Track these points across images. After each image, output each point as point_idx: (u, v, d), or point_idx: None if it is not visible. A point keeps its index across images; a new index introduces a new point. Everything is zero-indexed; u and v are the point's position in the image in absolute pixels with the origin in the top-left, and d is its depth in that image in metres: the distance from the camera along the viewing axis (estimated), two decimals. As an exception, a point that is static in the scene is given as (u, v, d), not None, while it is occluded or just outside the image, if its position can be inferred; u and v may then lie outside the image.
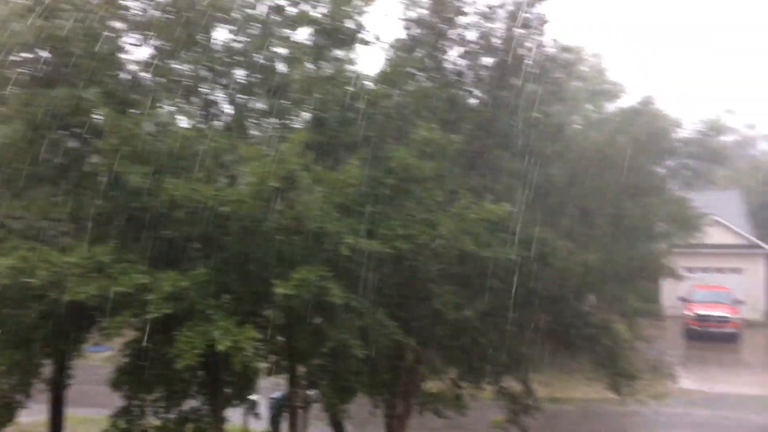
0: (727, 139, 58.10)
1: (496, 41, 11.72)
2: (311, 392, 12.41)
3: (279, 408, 14.87)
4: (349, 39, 11.10)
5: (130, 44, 10.45)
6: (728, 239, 35.48)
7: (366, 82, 10.91)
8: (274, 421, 15.16)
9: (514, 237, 10.91)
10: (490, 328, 12.99)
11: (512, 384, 14.37)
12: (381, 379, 12.19)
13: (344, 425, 13.50)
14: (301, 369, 11.90)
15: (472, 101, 12.44)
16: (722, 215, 35.34)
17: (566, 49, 12.62)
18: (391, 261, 9.55)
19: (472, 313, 12.17)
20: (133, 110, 9.73)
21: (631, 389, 14.89)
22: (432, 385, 14.56)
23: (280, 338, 11.97)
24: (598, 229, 15.03)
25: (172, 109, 10.31)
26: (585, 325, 14.72)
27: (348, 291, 8.88)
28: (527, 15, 11.73)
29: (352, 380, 10.83)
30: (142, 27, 10.27)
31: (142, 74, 10.63)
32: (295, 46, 10.81)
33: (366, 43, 11.47)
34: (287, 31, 11.00)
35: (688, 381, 24.31)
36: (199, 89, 10.63)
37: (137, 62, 10.56)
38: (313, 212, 8.33)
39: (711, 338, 29.75)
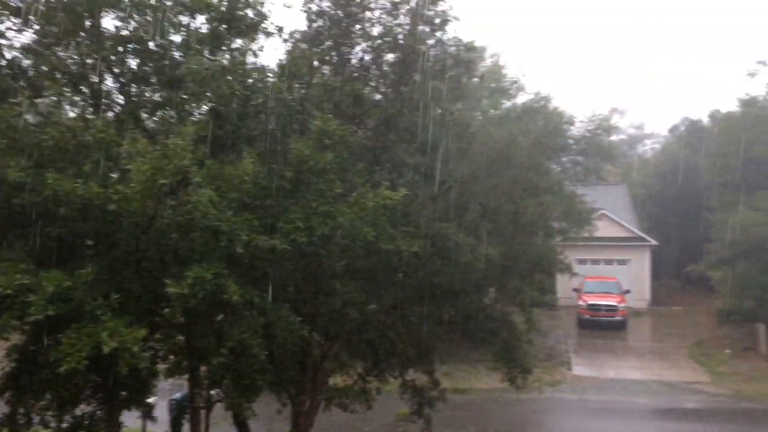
0: (616, 137, 61.48)
1: (400, 37, 11.74)
2: (214, 392, 12.02)
3: (180, 410, 14.32)
4: (249, 29, 10.76)
5: (9, 29, 9.71)
6: (617, 232, 37.51)
7: (268, 75, 10.65)
8: (175, 424, 14.57)
9: (418, 231, 11.00)
10: (395, 321, 13.08)
11: (417, 376, 14.53)
12: (287, 375, 12.00)
13: (248, 424, 13.19)
14: (202, 368, 11.51)
15: (377, 97, 12.42)
16: (611, 210, 37.33)
17: (467, 46, 12.84)
18: (294, 256, 9.38)
19: (377, 307, 12.20)
20: (12, 100, 9.06)
21: (525, 381, 15.41)
22: (338, 380, 14.50)
23: (179, 338, 11.52)
24: (500, 225, 15.44)
25: (57, 98, 9.66)
26: (486, 318, 15.09)
27: (250, 288, 8.64)
28: (429, 12, 11.83)
29: (256, 378, 10.56)
30: (21, 12, 9.55)
31: (24, 62, 9.92)
32: (191, 34, 10.37)
33: (268, 33, 11.18)
34: (183, 18, 10.55)
35: (581, 368, 25.52)
36: (89, 78, 10.01)
37: (17, 49, 9.83)
38: (206, 209, 8.02)
39: (601, 327, 31.36)
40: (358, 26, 11.76)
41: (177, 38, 10.43)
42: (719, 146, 37.76)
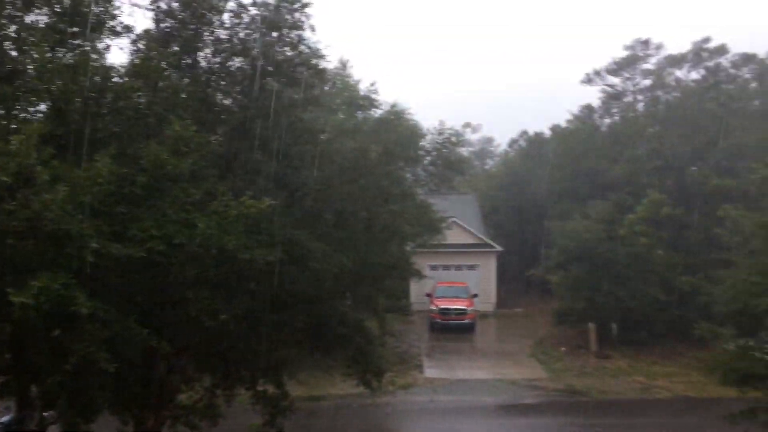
0: (467, 150, 64.52)
1: (251, 43, 11.67)
2: (47, 413, 11.19)
3: (8, 435, 13.19)
4: (94, 26, 10.24)
5: None
6: (466, 239, 39.41)
7: (114, 75, 10.17)
8: (3, 450, 13.41)
9: (272, 239, 10.95)
10: (247, 331, 12.91)
11: (269, 387, 14.42)
12: (130, 392, 11.43)
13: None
14: (34, 388, 10.69)
15: (228, 102, 12.25)
16: (461, 218, 39.19)
17: (320, 55, 13.01)
18: (143, 265, 9.01)
19: (229, 317, 11.97)
20: None
21: (380, 384, 15.79)
22: (185, 396, 14.04)
23: (6, 356, 10.65)
24: (353, 232, 15.71)
25: None
26: (340, 324, 15.29)
27: (94, 299, 8.19)
28: (281, 20, 11.86)
29: (96, 396, 9.99)
30: None
31: None
32: (29, 28, 9.69)
33: (116, 33, 10.69)
34: (18, 12, 9.83)
35: (432, 370, 26.48)
36: None
37: None
38: (53, 213, 7.52)
39: (452, 330, 32.78)
40: (207, 29, 11.54)
41: (12, 32, 9.70)
42: (556, 158, 40.91)
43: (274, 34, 12.11)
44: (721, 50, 35.63)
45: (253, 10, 11.73)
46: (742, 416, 11.71)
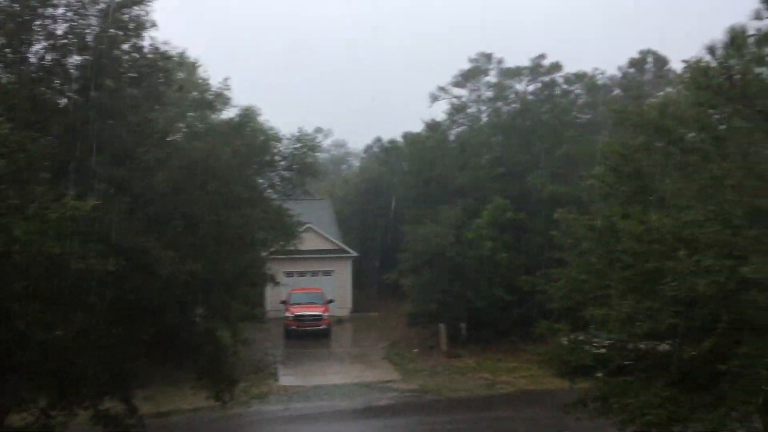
0: (322, 154, 64.69)
1: (89, 39, 10.95)
2: None
3: None
4: None
5: None
6: (322, 245, 39.54)
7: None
8: None
9: (110, 248, 10.32)
10: (87, 346, 12.05)
11: (113, 404, 13.57)
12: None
13: None
14: None
15: (63, 101, 11.39)
16: (317, 223, 39.24)
17: (165, 55, 12.47)
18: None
19: (64, 332, 11.13)
20: None
21: (232, 395, 15.37)
22: (18, 418, 12.88)
23: None
24: (203, 238, 15.19)
25: None
26: (190, 334, 14.73)
27: None
28: (123, 16, 11.23)
29: None
30: None
31: None
32: None
33: None
34: None
35: (288, 378, 26.24)
36: None
37: None
38: None
39: (308, 336, 32.71)
40: (38, 22, 10.67)
41: None
42: (409, 165, 42.11)
43: (117, 32, 11.44)
44: (556, 67, 38.44)
45: (93, 6, 11.00)
46: (574, 406, 12.61)
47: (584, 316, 12.91)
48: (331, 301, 35.59)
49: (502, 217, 30.55)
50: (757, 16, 11.97)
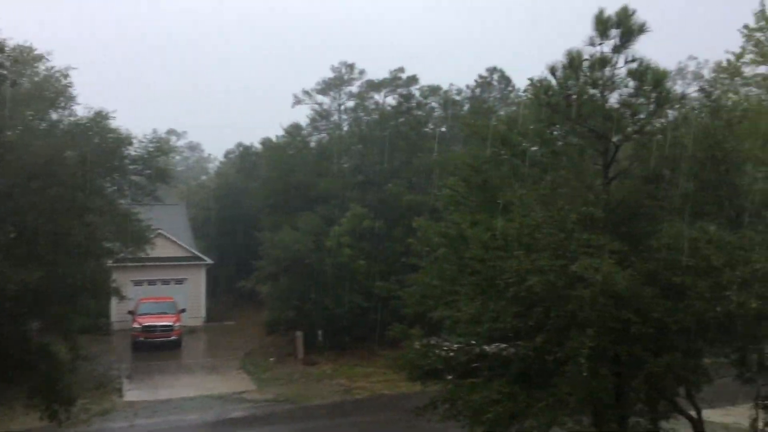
0: (176, 158, 62.21)
1: None
2: None
3: None
4: None
5: None
6: (174, 252, 37.95)
7: None
8: None
9: None
10: None
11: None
12: None
13: None
14: None
15: None
16: (169, 230, 37.62)
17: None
18: None
19: None
20: None
21: (69, 414, 14.32)
22: None
23: None
24: (40, 247, 14.11)
25: None
26: (22, 350, 13.58)
27: None
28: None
29: None
30: None
31: None
32: None
33: None
34: None
35: (134, 392, 24.84)
36: None
37: None
38: None
39: (157, 348, 31.20)
40: None
41: None
42: (269, 172, 41.57)
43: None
44: (413, 80, 39.75)
45: None
46: (425, 409, 12.95)
47: (436, 322, 13.34)
48: (183, 311, 34.26)
49: (361, 225, 30.92)
50: (591, 43, 13.02)
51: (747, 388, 12.35)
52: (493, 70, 40.92)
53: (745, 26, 18.86)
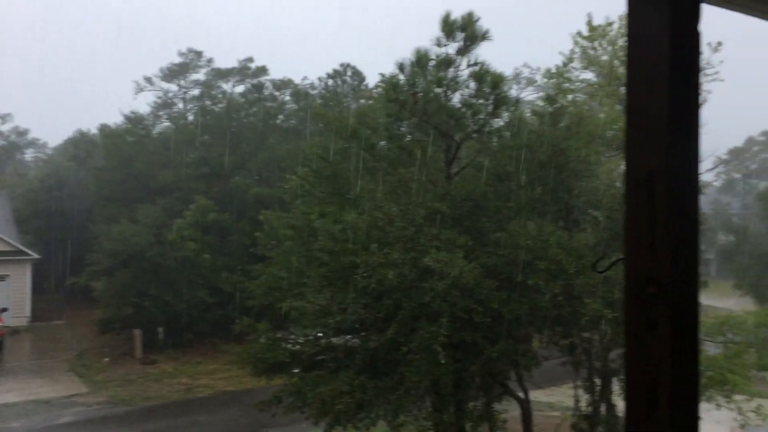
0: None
1: None
2: None
3: None
4: None
5: None
6: (-6, 246, 34.53)
7: None
8: None
9: None
10: None
11: None
12: None
13: None
14: None
15: None
16: (-12, 221, 34.15)
17: None
18: None
19: None
20: None
21: None
22: None
23: None
24: None
25: None
26: None
27: None
28: None
29: None
30: None
31: None
32: None
33: None
34: None
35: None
36: None
37: None
38: None
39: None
40: None
41: None
42: (106, 161, 38.98)
43: None
44: (263, 71, 39.04)
45: None
46: (269, 403, 12.77)
47: (284, 315, 13.20)
48: (4, 310, 31.22)
49: (206, 217, 29.92)
50: (438, 43, 13.51)
51: (569, 370, 13.42)
52: (346, 66, 41.24)
53: (578, 33, 20.44)
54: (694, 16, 1.94)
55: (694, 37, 1.95)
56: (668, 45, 1.87)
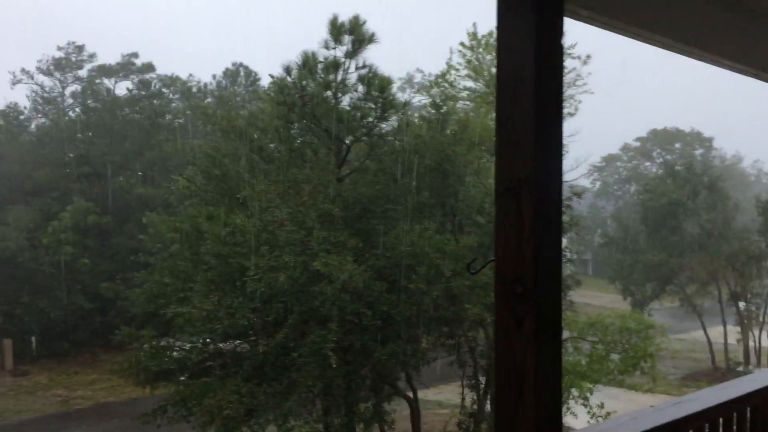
0: None
1: None
2: None
3: None
4: None
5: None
6: None
7: None
8: None
9: None
10: None
11: None
12: None
13: None
14: None
15: None
16: None
17: None
18: None
19: None
20: None
21: None
22: None
23: None
24: None
25: None
26: None
27: None
28: None
29: None
30: None
31: None
32: None
33: None
34: None
35: None
36: None
37: None
38: None
39: None
40: None
41: None
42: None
43: None
44: (149, 67, 37.50)
45: None
46: (154, 414, 12.26)
47: (169, 322, 12.73)
48: None
49: (85, 220, 28.35)
50: (326, 46, 13.52)
51: (457, 368, 13.83)
52: (239, 65, 40.40)
53: (461, 44, 21.08)
54: (558, 31, 2.07)
55: (557, 51, 2.08)
56: (533, 58, 1.98)
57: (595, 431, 2.31)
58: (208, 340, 12.57)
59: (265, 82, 38.60)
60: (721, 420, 2.72)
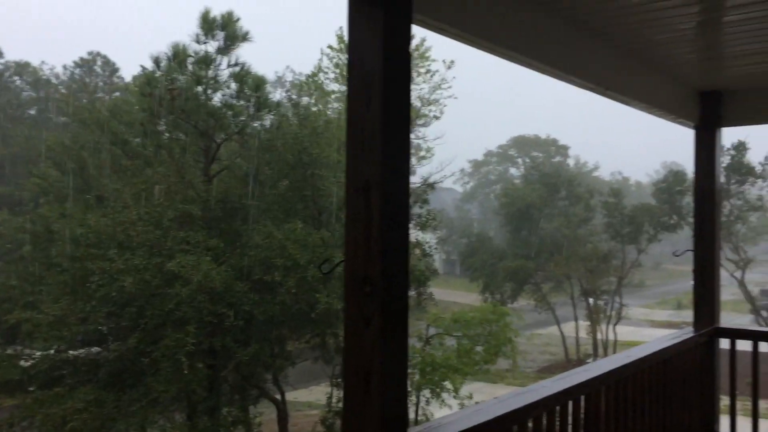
0: None
1: None
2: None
3: None
4: None
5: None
6: None
7: None
8: None
9: None
10: None
11: None
12: None
13: None
14: None
15: None
16: None
17: None
18: None
19: None
20: None
21: None
22: None
23: None
24: None
25: None
26: None
27: None
28: None
29: None
30: None
31: None
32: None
33: None
34: None
35: None
36: None
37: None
38: None
39: None
40: None
41: None
42: None
43: None
44: (-6, 51, 34.59)
45: None
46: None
47: (14, 327, 11.80)
48: None
49: None
50: (197, 40, 13.11)
51: (327, 368, 13.86)
52: (96, 55, 38.05)
53: (330, 47, 21.04)
54: (405, 37, 2.15)
55: (405, 56, 2.16)
56: (381, 64, 2.04)
57: (443, 423, 2.39)
58: (61, 347, 11.77)
59: (125, 73, 36.83)
60: (557, 408, 2.92)
